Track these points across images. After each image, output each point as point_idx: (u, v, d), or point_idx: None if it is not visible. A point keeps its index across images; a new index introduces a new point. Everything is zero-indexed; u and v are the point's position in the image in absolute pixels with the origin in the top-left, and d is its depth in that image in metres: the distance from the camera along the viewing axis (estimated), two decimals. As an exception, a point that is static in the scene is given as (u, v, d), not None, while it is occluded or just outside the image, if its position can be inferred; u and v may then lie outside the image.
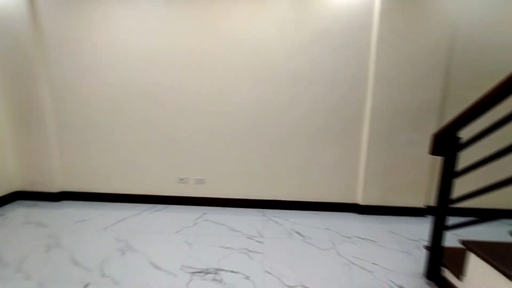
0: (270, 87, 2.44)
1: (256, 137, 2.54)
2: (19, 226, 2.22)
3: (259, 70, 2.41)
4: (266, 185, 2.64)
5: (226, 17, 2.33)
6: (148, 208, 2.63)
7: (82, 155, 2.66)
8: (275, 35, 2.35)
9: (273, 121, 2.50)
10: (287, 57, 2.38)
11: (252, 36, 2.35)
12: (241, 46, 2.38)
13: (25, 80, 2.48)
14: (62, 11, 2.37)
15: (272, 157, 2.58)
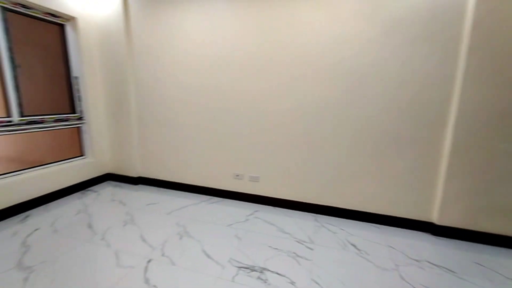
0: (332, 86, 2.29)
1: (314, 139, 2.42)
2: (107, 202, 2.68)
3: (320, 69, 2.29)
4: (321, 189, 2.50)
5: (288, 16, 2.29)
6: (206, 199, 2.82)
7: (156, 147, 3.04)
8: (340, 30, 2.18)
9: (333, 122, 2.34)
10: (353, 54, 2.18)
11: (315, 33, 2.25)
12: (302, 44, 2.30)
13: (119, 82, 2.98)
14: (147, 24, 2.76)
15: (330, 160, 2.42)
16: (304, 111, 2.40)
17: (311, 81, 2.34)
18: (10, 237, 1.98)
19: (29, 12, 2.39)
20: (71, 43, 2.79)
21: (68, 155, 2.96)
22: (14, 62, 2.29)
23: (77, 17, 2.73)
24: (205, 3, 2.50)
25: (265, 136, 2.57)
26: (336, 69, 2.25)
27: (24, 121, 2.41)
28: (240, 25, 2.44)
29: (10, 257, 1.75)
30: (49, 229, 2.12)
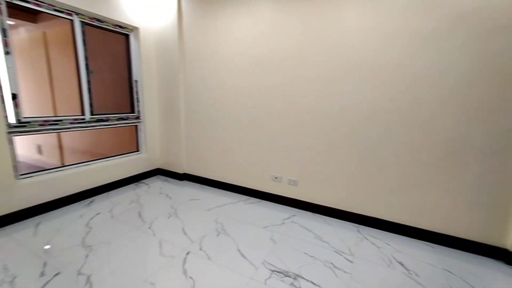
0: (382, 89, 2.11)
1: (360, 144, 2.27)
2: (156, 195, 2.93)
3: (368, 70, 2.14)
4: (365, 199, 2.32)
5: (334, 14, 2.19)
6: (244, 199, 2.86)
7: (200, 146, 3.21)
8: (390, 27, 2.00)
9: (382, 127, 2.16)
10: (406, 52, 1.98)
11: (362, 31, 2.11)
12: (349, 44, 2.18)
13: (171, 85, 3.24)
14: (197, 31, 2.94)
15: (377, 168, 2.23)
16: (351, 115, 2.27)
17: (359, 83, 2.19)
18: (77, 218, 2.31)
19: (102, 25, 2.76)
20: (133, 51, 3.14)
21: (127, 150, 3.32)
22: (88, 68, 2.68)
23: (139, 27, 3.06)
24: (252, 7, 2.56)
25: (307, 139, 2.50)
26: (387, 70, 2.07)
27: (94, 119, 2.79)
28: (284, 27, 2.43)
29: (77, 235, 2.03)
30: (107, 214, 2.40)
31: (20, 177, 2.23)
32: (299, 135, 2.53)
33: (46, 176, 2.40)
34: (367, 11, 2.07)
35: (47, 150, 4.47)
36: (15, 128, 2.16)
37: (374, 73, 2.12)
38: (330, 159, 2.42)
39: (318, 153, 2.46)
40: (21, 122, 2.19)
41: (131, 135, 3.41)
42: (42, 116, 2.37)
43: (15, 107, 2.15)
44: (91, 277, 1.58)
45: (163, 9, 3.06)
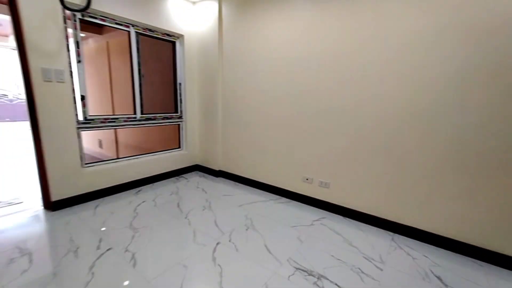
0: (422, 90, 1.98)
1: (397, 148, 2.15)
2: (193, 189, 3.16)
3: (406, 70, 2.02)
4: (403, 207, 2.19)
5: (373, 11, 2.12)
6: (274, 198, 2.92)
7: (235, 145, 3.37)
8: (433, 25, 1.86)
9: (421, 131, 2.02)
10: (455, 51, 1.82)
11: (401, 29, 2.00)
12: (388, 44, 2.08)
13: (210, 87, 3.47)
14: (234, 35, 3.10)
15: (416, 174, 2.09)
16: (387, 117, 2.16)
17: (396, 84, 2.08)
18: (127, 204, 2.63)
19: (153, 34, 3.10)
20: (178, 56, 3.44)
21: (169, 146, 3.65)
22: (140, 73, 3.03)
23: (184, 35, 3.35)
24: (288, 12, 2.61)
25: (341, 141, 2.45)
26: (428, 70, 1.93)
27: (143, 118, 3.14)
28: (320, 29, 2.43)
29: (126, 219, 2.33)
30: (151, 203, 2.69)
31: (85, 165, 2.64)
32: (332, 137, 2.50)
33: (104, 166, 2.79)
34: (410, 9, 1.96)
35: (106, 144, 5.14)
36: (82, 124, 2.56)
37: (413, 74, 1.99)
38: (364, 163, 2.33)
39: (353, 156, 2.40)
40: (87, 119, 2.60)
41: (174, 133, 3.73)
42: (102, 115, 2.77)
43: (83, 107, 2.55)
44: (135, 254, 1.82)
45: (206, 16, 3.30)
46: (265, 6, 2.76)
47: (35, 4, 2.07)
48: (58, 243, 1.93)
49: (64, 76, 2.29)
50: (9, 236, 2.01)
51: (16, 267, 1.66)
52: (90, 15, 2.48)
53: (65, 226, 2.16)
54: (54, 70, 2.22)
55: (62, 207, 2.46)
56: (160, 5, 3.00)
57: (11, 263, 1.70)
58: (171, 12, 3.13)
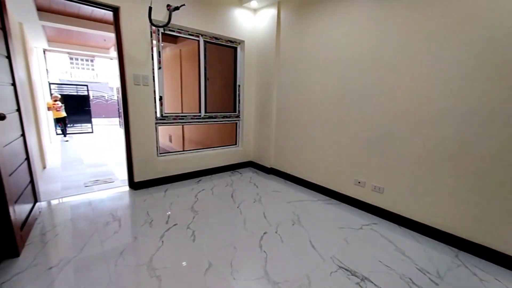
0: (491, 89, 1.73)
1: (466, 154, 1.92)
2: (246, 183, 3.41)
3: (475, 65, 1.79)
4: (476, 223, 1.94)
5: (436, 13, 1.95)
6: (323, 199, 2.92)
7: (287, 144, 3.48)
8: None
9: (496, 135, 1.76)
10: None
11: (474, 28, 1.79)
12: (450, 42, 1.89)
13: (266, 89, 3.67)
14: (290, 40, 3.21)
15: (490, 186, 1.83)
16: (448, 120, 1.96)
17: (459, 82, 1.87)
18: (189, 190, 3.03)
19: (218, 41, 3.47)
20: (239, 60, 3.75)
21: (227, 143, 4.00)
22: (206, 76, 3.43)
23: (245, 40, 3.63)
24: (344, 15, 2.59)
25: (398, 145, 2.32)
26: (501, 65, 1.68)
27: (206, 116, 3.54)
28: (377, 28, 2.34)
29: (188, 202, 2.70)
30: (209, 191, 3.03)
31: (159, 155, 3.15)
32: (388, 140, 2.37)
33: (173, 156, 3.27)
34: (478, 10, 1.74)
35: (174, 139, 5.90)
36: (159, 120, 3.07)
37: (486, 69, 1.76)
38: (425, 168, 2.15)
39: (410, 160, 2.24)
40: (163, 116, 3.09)
41: (231, 130, 4.07)
42: (174, 112, 3.24)
43: (160, 106, 3.06)
44: (195, 232, 2.12)
45: (265, 22, 3.51)
46: (320, 10, 2.79)
47: (132, 24, 2.61)
48: (138, 215, 2.39)
49: (148, 80, 2.80)
50: (106, 205, 2.58)
51: (110, 228, 2.14)
52: (170, 29, 2.95)
53: (143, 203, 2.65)
54: (142, 75, 2.74)
55: (141, 188, 3.00)
56: (226, 15, 3.34)
57: (107, 225, 2.20)
58: (234, 21, 3.45)
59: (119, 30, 2.60)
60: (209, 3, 3.15)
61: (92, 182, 3.32)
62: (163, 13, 2.80)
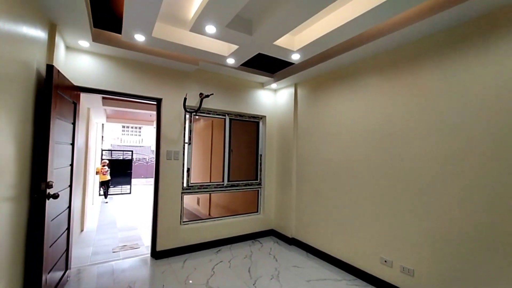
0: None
1: (503, 232, 1.75)
2: (266, 255, 3.29)
3: (496, 147, 1.78)
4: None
5: (433, 92, 2.10)
6: (349, 279, 2.67)
7: (308, 214, 3.43)
8: None
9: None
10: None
11: (479, 106, 1.87)
12: (461, 122, 1.95)
13: (286, 159, 3.86)
14: (307, 114, 3.53)
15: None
16: (477, 194, 1.86)
17: (484, 158, 1.83)
18: (207, 262, 3.02)
19: (242, 118, 3.92)
20: (261, 132, 4.11)
21: (250, 209, 4.05)
22: (230, 148, 3.78)
23: (266, 115, 4.05)
24: (352, 91, 2.87)
25: (425, 221, 2.18)
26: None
27: (229, 184, 3.75)
28: (382, 103, 2.52)
29: (204, 276, 2.67)
30: (227, 264, 2.98)
31: (183, 223, 3.30)
32: (415, 213, 2.25)
33: (196, 224, 3.39)
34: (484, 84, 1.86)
35: (202, 202, 6.11)
36: (185, 190, 3.33)
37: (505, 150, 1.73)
38: (462, 250, 1.95)
39: (444, 241, 2.05)
40: (189, 186, 3.37)
41: (253, 198, 4.16)
42: (199, 182, 3.51)
43: (187, 177, 3.36)
44: (206, 313, 2.05)
45: (284, 100, 3.95)
46: (333, 89, 3.12)
47: (170, 110, 3.16)
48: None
49: (179, 156, 3.19)
50: (126, 276, 2.67)
51: (126, 303, 2.18)
52: (200, 111, 3.48)
53: (161, 275, 2.69)
54: (174, 151, 3.15)
55: (162, 257, 3.08)
56: (249, 96, 3.86)
57: (124, 298, 2.25)
58: (256, 100, 3.94)
59: (159, 115, 3.15)
60: (234, 88, 3.71)
61: (120, 248, 3.50)
62: (196, 100, 3.36)
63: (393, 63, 2.47)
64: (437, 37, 2.15)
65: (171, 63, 3.01)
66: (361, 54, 2.64)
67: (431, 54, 2.18)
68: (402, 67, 2.40)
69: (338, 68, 3.04)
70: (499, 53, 1.80)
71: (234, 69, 3.35)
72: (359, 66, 2.82)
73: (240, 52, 2.74)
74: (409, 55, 2.34)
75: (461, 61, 2.00)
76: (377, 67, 2.62)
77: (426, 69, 2.21)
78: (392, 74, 2.48)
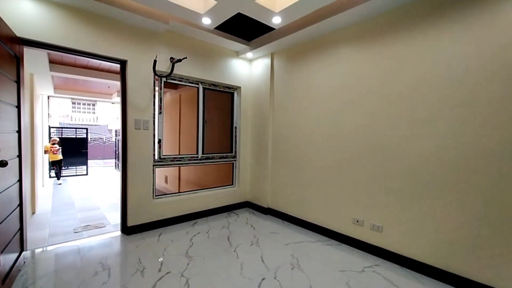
0: (485, 126, 1.87)
1: (463, 190, 1.97)
2: (243, 224, 3.32)
3: (465, 106, 1.96)
4: (476, 261, 1.90)
5: (416, 57, 2.21)
6: (323, 239, 2.84)
7: (283, 184, 3.50)
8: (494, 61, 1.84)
9: (490, 168, 1.85)
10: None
11: (453, 69, 2.02)
12: (437, 83, 2.10)
13: (261, 130, 3.83)
14: (283, 84, 3.49)
15: (494, 223, 1.85)
16: (444, 155, 2.06)
17: (451, 119, 2.02)
18: (184, 234, 2.93)
19: (216, 88, 3.73)
20: (235, 104, 3.98)
21: (226, 181, 4.00)
22: (204, 119, 3.60)
23: (241, 86, 3.91)
24: (329, 60, 2.88)
25: (392, 182, 2.37)
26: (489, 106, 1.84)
27: (204, 157, 3.61)
28: (363, 73, 2.59)
29: (183, 247, 2.59)
30: (205, 235, 2.93)
31: (155, 197, 3.12)
32: (385, 176, 2.42)
33: (169, 198, 3.23)
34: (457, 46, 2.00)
35: (170, 180, 5.86)
36: (157, 163, 3.12)
37: (473, 110, 1.92)
38: (425, 206, 2.17)
39: (407, 198, 2.26)
40: (161, 158, 3.15)
41: (227, 171, 4.10)
42: (172, 154, 3.31)
43: (159, 148, 3.14)
44: (189, 280, 2.01)
45: (259, 70, 3.83)
46: (311, 59, 3.10)
47: (137, 75, 2.83)
48: (129, 263, 2.28)
49: (148, 125, 2.93)
50: (95, 253, 2.46)
51: (99, 279, 2.02)
52: (171, 77, 3.20)
53: (135, 249, 2.53)
54: (143, 120, 2.88)
55: (134, 232, 2.90)
56: (223, 65, 3.65)
57: (96, 275, 2.08)
58: (231, 69, 3.76)
59: (124, 80, 2.81)
60: (208, 55, 3.47)
61: (82, 228, 3.20)
62: (167, 65, 3.07)
63: (372, 32, 2.51)
64: (416, 5, 2.22)
65: (138, 19, 2.65)
66: (341, 22, 2.62)
67: (414, 21, 2.26)
68: (381, 36, 2.46)
69: (316, 37, 3.00)
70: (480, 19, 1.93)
71: (209, 32, 3.10)
72: (337, 35, 2.82)
73: (218, 10, 2.52)
74: (390, 23, 2.39)
75: (442, 30, 2.11)
76: (356, 36, 2.64)
77: (406, 37, 2.29)
78: (371, 43, 2.52)
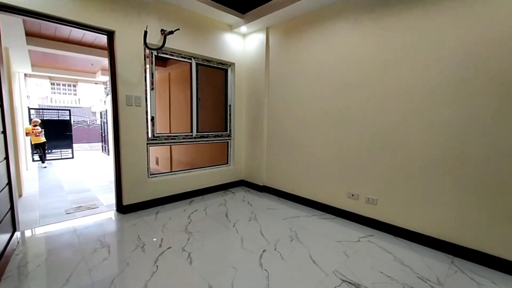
0: (477, 101, 1.91)
1: (458, 161, 2.04)
2: (239, 201, 3.35)
3: (458, 79, 1.98)
4: (465, 227, 2.02)
5: (413, 33, 2.18)
6: (319, 214, 2.92)
7: (279, 161, 3.52)
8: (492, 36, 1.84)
9: (486, 143, 1.91)
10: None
11: (452, 44, 2.01)
12: (436, 59, 2.10)
13: (257, 107, 3.77)
14: (279, 61, 3.39)
15: (480, 191, 1.94)
16: (438, 132, 2.11)
17: (450, 96, 2.04)
18: (182, 212, 2.93)
19: (210, 64, 3.58)
20: (229, 81, 3.87)
21: (219, 162, 3.97)
22: (198, 97, 3.49)
23: (235, 63, 3.78)
24: (326, 35, 2.81)
25: (388, 156, 2.42)
26: (478, 82, 1.87)
27: (198, 135, 3.54)
28: (360, 48, 2.55)
29: (181, 224, 2.60)
30: (203, 212, 2.94)
31: (150, 176, 3.06)
32: (379, 151, 2.48)
33: (165, 177, 3.19)
34: (455, 24, 1.98)
35: (162, 161, 5.77)
36: (151, 141, 3.03)
37: (468, 84, 1.95)
38: (417, 179, 2.25)
39: (401, 172, 2.33)
40: (154, 136, 3.06)
41: (222, 150, 4.06)
42: (166, 133, 3.22)
43: (152, 126, 3.03)
44: (191, 254, 2.02)
45: (254, 46, 3.70)
46: (307, 34, 3.01)
47: (126, 47, 2.66)
48: (128, 240, 2.26)
49: (141, 101, 2.80)
50: (92, 232, 2.43)
51: (98, 255, 2.00)
52: (163, 51, 3.03)
53: (133, 227, 2.52)
54: (134, 96, 2.75)
55: (130, 211, 2.87)
56: (217, 39, 3.49)
57: (95, 252, 2.06)
58: (225, 44, 3.60)
59: (113, 53, 2.63)
60: (201, 28, 3.29)
61: (75, 209, 3.13)
62: (158, 37, 2.89)
63: (369, 7, 2.45)
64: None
65: (124, -15, 2.44)
66: (341, -8, 2.53)
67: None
68: (377, 11, 2.39)
69: (314, 10, 2.90)
70: None
71: (201, 2, 2.92)
72: (335, 8, 2.73)
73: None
74: (389, -5, 2.33)
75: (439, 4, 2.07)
76: (353, 10, 2.57)
77: (406, 11, 2.24)
78: (368, 18, 2.46)
